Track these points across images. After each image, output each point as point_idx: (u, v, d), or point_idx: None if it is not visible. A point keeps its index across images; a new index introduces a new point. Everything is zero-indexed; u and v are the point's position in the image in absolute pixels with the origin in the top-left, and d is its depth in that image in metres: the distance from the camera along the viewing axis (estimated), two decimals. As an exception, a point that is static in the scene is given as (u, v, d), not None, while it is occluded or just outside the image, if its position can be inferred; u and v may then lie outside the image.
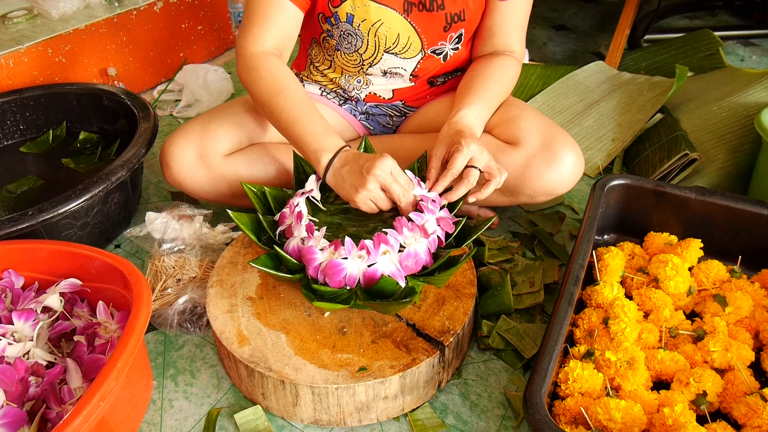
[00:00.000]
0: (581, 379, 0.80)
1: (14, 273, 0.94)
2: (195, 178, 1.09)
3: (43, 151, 1.38)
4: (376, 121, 1.23)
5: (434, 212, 0.88)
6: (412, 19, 1.03)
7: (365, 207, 0.90)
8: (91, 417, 0.67)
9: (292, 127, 0.95)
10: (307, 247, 0.84)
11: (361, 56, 1.08)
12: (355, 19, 1.03)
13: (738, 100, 1.36)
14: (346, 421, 0.85)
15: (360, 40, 1.05)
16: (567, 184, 1.05)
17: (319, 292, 0.82)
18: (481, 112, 1.02)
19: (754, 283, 0.96)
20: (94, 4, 1.61)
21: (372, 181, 0.87)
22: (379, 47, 1.06)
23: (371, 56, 1.07)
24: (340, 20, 1.03)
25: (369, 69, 1.10)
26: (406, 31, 1.04)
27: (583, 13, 2.34)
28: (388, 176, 0.87)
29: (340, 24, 1.04)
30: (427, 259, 0.85)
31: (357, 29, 1.04)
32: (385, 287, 0.81)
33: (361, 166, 0.88)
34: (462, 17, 1.04)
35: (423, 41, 1.06)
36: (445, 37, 1.06)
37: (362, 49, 1.06)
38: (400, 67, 1.10)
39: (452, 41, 1.08)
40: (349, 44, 1.07)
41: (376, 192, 0.88)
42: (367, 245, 0.81)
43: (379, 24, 1.03)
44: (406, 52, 1.07)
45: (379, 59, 1.08)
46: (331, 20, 1.05)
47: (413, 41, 1.05)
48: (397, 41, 1.05)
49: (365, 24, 1.03)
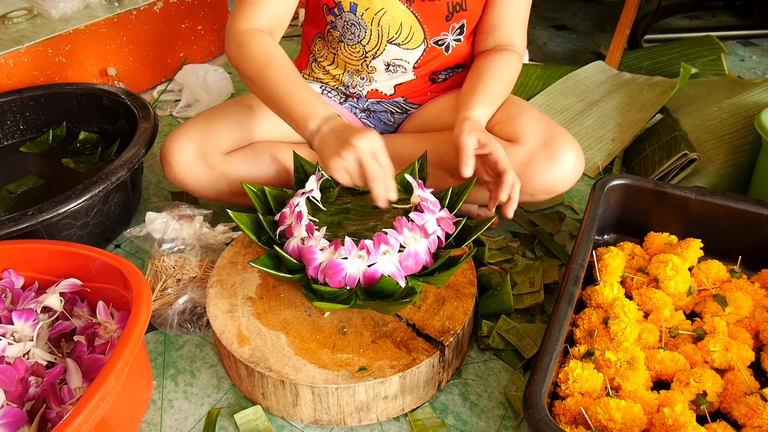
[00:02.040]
0: (581, 379, 0.80)
1: (14, 273, 0.94)
2: (195, 176, 1.09)
3: (43, 151, 1.38)
4: (377, 119, 1.23)
5: (434, 212, 0.88)
6: (414, 9, 1.04)
7: (339, 176, 0.86)
8: (91, 417, 0.67)
9: (281, 98, 0.92)
10: (307, 247, 0.84)
11: (364, 47, 1.08)
12: (359, 8, 1.03)
13: (738, 101, 1.36)
14: (346, 421, 0.85)
15: (363, 30, 1.05)
16: (567, 182, 1.05)
17: (319, 292, 0.82)
18: (488, 113, 1.04)
19: (754, 283, 0.96)
20: (94, 4, 1.61)
21: (349, 152, 0.83)
22: (382, 37, 1.06)
23: (374, 47, 1.08)
24: (344, 10, 1.04)
25: (372, 61, 1.10)
26: (409, 21, 1.05)
27: (583, 13, 2.34)
28: (366, 152, 0.83)
29: (343, 14, 1.04)
30: (427, 259, 0.85)
31: (360, 18, 1.04)
32: (385, 287, 0.81)
33: (346, 135, 0.84)
34: (464, 7, 1.05)
35: (425, 31, 1.06)
36: (447, 27, 1.07)
37: (365, 39, 1.07)
38: (403, 59, 1.10)
39: (454, 32, 1.08)
40: (353, 35, 1.06)
41: (351, 165, 0.84)
42: (367, 245, 0.81)
43: (382, 13, 1.03)
44: (408, 42, 1.07)
45: (383, 50, 1.08)
46: (335, 11, 1.05)
47: (416, 31, 1.06)
48: (400, 31, 1.05)
49: (368, 13, 1.03)
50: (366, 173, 0.83)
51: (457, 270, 0.87)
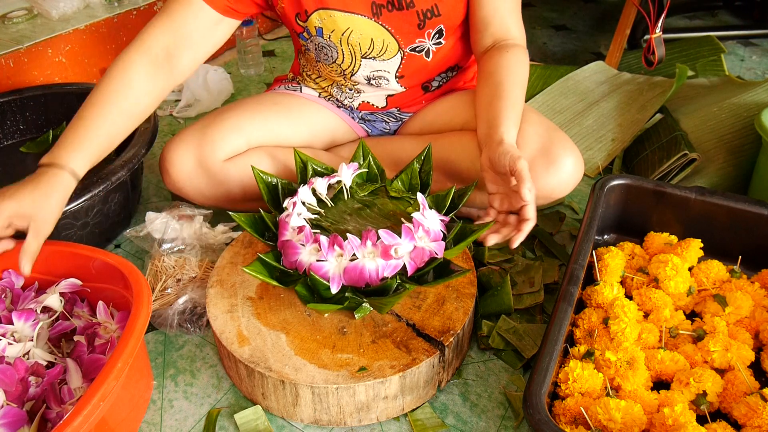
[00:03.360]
0: (581, 379, 0.80)
1: (14, 273, 0.94)
2: (195, 184, 1.08)
3: (43, 151, 1.37)
4: (372, 126, 1.23)
5: (414, 240, 0.84)
6: (383, 21, 1.00)
7: None
8: (91, 417, 0.67)
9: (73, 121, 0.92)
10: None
11: (341, 66, 1.07)
12: (325, 31, 1.01)
13: (738, 101, 1.36)
14: (346, 421, 0.85)
15: (335, 50, 1.04)
16: (566, 188, 1.03)
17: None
18: (516, 132, 0.96)
19: (754, 283, 0.96)
20: (94, 4, 1.61)
21: None
22: (355, 55, 1.04)
23: (350, 65, 1.06)
24: (312, 34, 1.02)
25: (352, 77, 1.09)
26: (380, 34, 1.02)
27: (583, 13, 2.34)
28: None
29: (312, 38, 1.03)
30: (374, 278, 0.83)
31: (329, 41, 1.02)
32: (317, 286, 0.84)
33: None
34: (436, 12, 1.00)
35: (399, 41, 1.03)
36: (422, 35, 1.03)
37: (339, 59, 1.05)
38: (382, 70, 1.07)
39: (432, 38, 1.04)
40: (327, 56, 1.05)
41: None
42: (320, 240, 0.83)
43: (348, 32, 1.01)
44: (383, 54, 1.04)
45: (359, 66, 1.06)
46: (304, 35, 1.04)
47: (389, 43, 1.03)
48: (372, 45, 1.03)
49: (335, 34, 1.01)
50: None
51: (450, 281, 0.88)
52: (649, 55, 1.44)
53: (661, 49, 1.40)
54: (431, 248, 0.85)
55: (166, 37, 0.96)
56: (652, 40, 1.41)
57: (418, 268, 0.85)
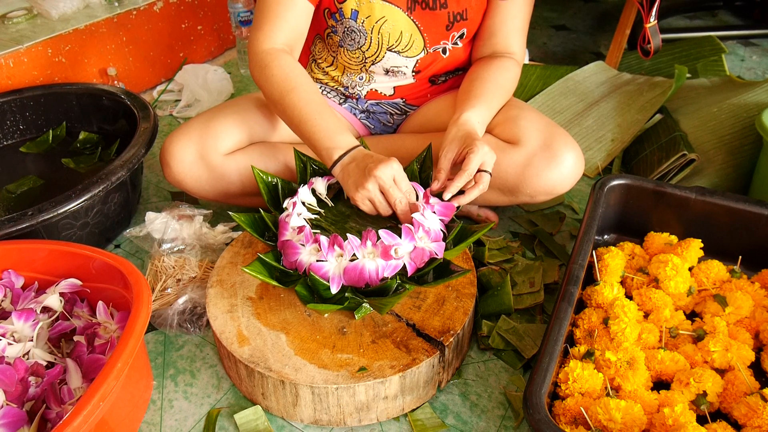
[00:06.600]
0: (581, 379, 0.80)
1: (14, 273, 0.94)
2: (195, 177, 1.09)
3: (43, 151, 1.38)
4: (376, 120, 1.23)
5: (414, 240, 0.85)
6: (415, 17, 1.03)
7: (363, 206, 0.91)
8: (91, 417, 0.67)
9: (304, 125, 0.96)
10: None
11: (364, 54, 1.08)
12: (360, 16, 1.03)
13: (738, 102, 1.36)
14: (346, 421, 0.85)
15: (363, 37, 1.05)
16: (567, 184, 1.05)
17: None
18: (483, 116, 1.02)
19: (754, 283, 0.96)
20: (94, 4, 1.61)
21: (372, 182, 0.87)
22: (381, 45, 1.06)
23: (374, 54, 1.08)
24: (345, 16, 1.04)
25: (371, 67, 1.11)
26: (409, 29, 1.04)
27: (583, 13, 2.34)
28: (388, 180, 0.87)
29: (344, 20, 1.04)
30: (374, 278, 0.83)
31: (361, 26, 1.04)
32: (318, 286, 0.84)
33: (366, 166, 0.88)
34: (464, 16, 1.05)
35: (425, 40, 1.06)
36: (447, 36, 1.07)
37: (365, 46, 1.07)
38: (402, 65, 1.10)
39: (453, 40, 1.08)
40: (353, 41, 1.07)
41: (374, 193, 0.88)
42: (320, 240, 0.83)
43: (383, 21, 1.03)
44: (408, 50, 1.07)
45: (382, 57, 1.08)
46: (336, 16, 1.05)
47: (416, 39, 1.06)
48: (400, 39, 1.05)
49: (369, 21, 1.03)
50: (390, 200, 0.89)
51: (450, 281, 0.88)
52: (644, 45, 1.43)
53: (657, 39, 1.39)
54: (431, 249, 0.86)
55: (285, 36, 1.01)
56: (646, 29, 1.41)
57: (418, 268, 0.85)
